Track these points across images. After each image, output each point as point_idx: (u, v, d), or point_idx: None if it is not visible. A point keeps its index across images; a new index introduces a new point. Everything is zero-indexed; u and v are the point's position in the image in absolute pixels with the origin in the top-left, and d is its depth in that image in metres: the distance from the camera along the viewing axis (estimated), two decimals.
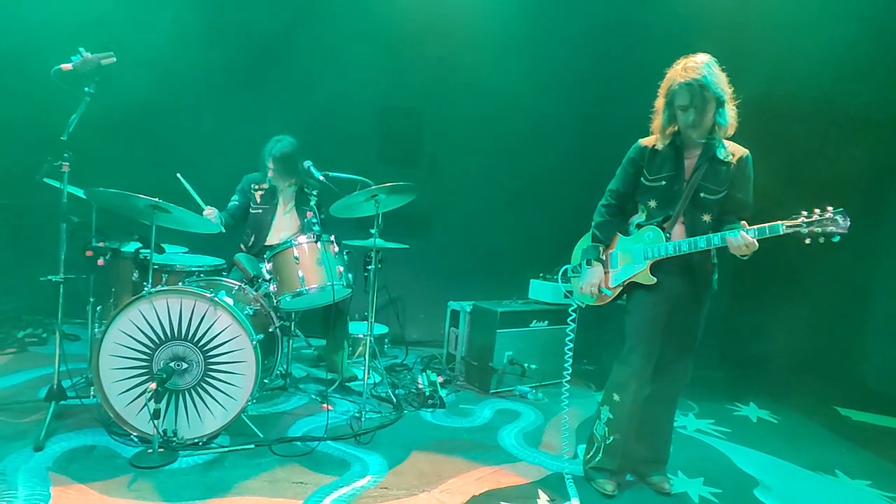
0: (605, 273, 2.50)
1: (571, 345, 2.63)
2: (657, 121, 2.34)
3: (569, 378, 2.66)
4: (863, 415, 3.96)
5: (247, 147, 3.50)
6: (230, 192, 3.54)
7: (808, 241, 2.06)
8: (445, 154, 4.75)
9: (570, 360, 2.66)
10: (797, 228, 2.05)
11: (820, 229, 2.02)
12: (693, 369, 2.53)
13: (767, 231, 2.10)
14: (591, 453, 2.56)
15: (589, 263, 2.50)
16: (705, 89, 2.17)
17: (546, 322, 3.93)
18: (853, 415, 3.96)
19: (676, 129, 2.32)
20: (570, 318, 2.60)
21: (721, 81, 2.21)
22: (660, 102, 2.32)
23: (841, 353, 4.39)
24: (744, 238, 2.13)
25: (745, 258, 2.19)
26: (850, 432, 3.60)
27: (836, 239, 2.02)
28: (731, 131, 2.28)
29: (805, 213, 2.06)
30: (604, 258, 2.50)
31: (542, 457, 2.79)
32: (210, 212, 3.28)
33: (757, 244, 2.15)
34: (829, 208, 2.02)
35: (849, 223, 2.00)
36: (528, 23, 4.50)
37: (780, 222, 2.08)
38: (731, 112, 2.25)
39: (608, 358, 2.92)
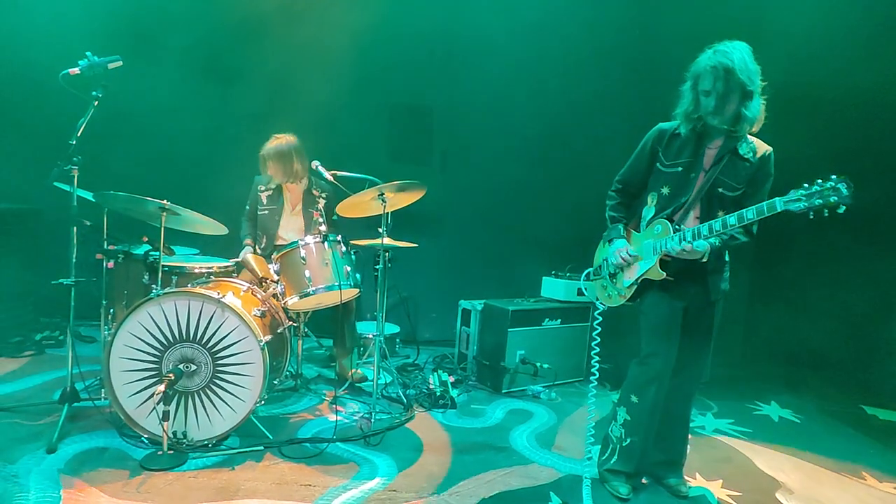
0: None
1: (598, 349, 2.56)
2: (680, 108, 2.26)
3: (595, 383, 2.58)
4: (891, 413, 3.82)
5: (255, 147, 3.49)
6: (238, 191, 3.54)
7: (811, 215, 1.90)
8: (456, 151, 4.71)
9: (597, 364, 2.58)
10: (796, 203, 1.91)
11: (821, 201, 1.86)
12: (712, 367, 2.46)
13: (766, 210, 1.98)
14: (606, 455, 2.50)
15: (611, 242, 2.44)
16: (731, 74, 2.06)
17: (559, 320, 3.87)
18: (880, 413, 3.82)
19: (699, 116, 2.21)
20: (596, 321, 2.53)
21: (752, 72, 2.10)
22: (686, 86, 2.23)
23: (866, 349, 4.25)
24: (675, 249, 2.17)
25: (703, 259, 2.20)
26: (878, 432, 3.47)
27: (842, 210, 1.85)
28: (756, 127, 2.18)
29: (805, 185, 1.91)
30: (626, 236, 2.43)
31: (555, 458, 2.74)
32: (245, 255, 3.22)
33: (695, 250, 2.13)
34: (832, 177, 1.87)
35: (852, 190, 1.83)
36: (538, 19, 4.43)
37: (776, 200, 1.96)
38: (758, 107, 2.14)
39: (623, 356, 2.86)
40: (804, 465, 2.90)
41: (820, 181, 1.89)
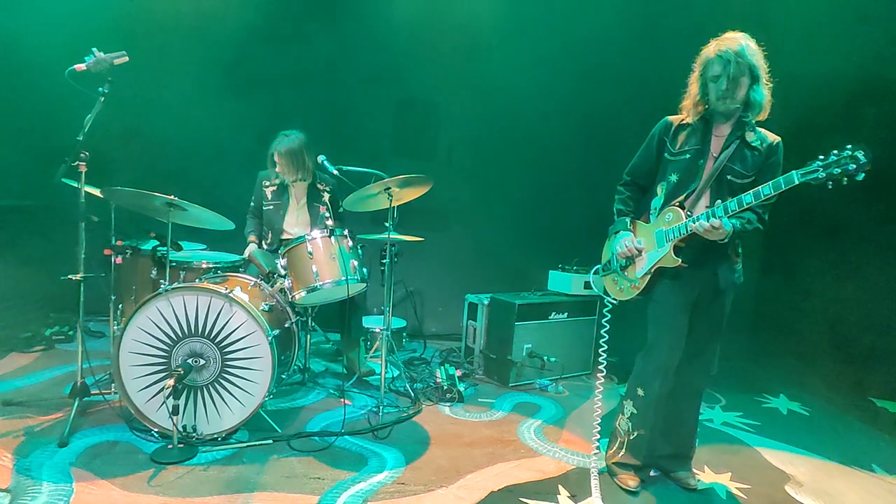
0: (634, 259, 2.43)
1: (606, 346, 2.54)
2: (687, 98, 2.30)
3: (602, 377, 2.58)
4: None
5: (261, 142, 3.49)
6: (244, 186, 3.55)
7: (830, 185, 1.89)
8: (462, 146, 4.70)
9: (605, 358, 2.57)
10: (815, 174, 1.91)
11: (839, 170, 1.86)
12: (720, 360, 2.44)
13: (783, 184, 1.97)
14: (615, 448, 2.50)
15: (616, 235, 2.45)
16: (740, 57, 2.12)
17: (566, 314, 3.86)
18: (890, 406, 3.80)
19: (707, 106, 2.25)
20: (605, 318, 2.52)
21: (757, 56, 2.16)
22: (692, 77, 2.27)
23: (876, 341, 4.21)
24: (703, 225, 2.11)
25: (723, 241, 2.17)
26: (887, 425, 3.45)
27: (861, 177, 1.85)
28: (765, 113, 2.21)
29: (821, 156, 1.91)
30: (632, 229, 2.43)
31: (563, 451, 2.74)
32: (250, 250, 3.32)
33: (722, 228, 2.09)
34: (848, 146, 1.87)
35: (870, 156, 1.82)
36: (544, 11, 4.40)
37: (793, 172, 1.96)
38: (765, 92, 2.18)
39: (631, 350, 2.85)
40: (813, 458, 2.89)
41: (836, 151, 1.89)
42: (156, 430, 2.53)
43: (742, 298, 2.40)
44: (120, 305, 3.03)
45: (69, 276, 2.62)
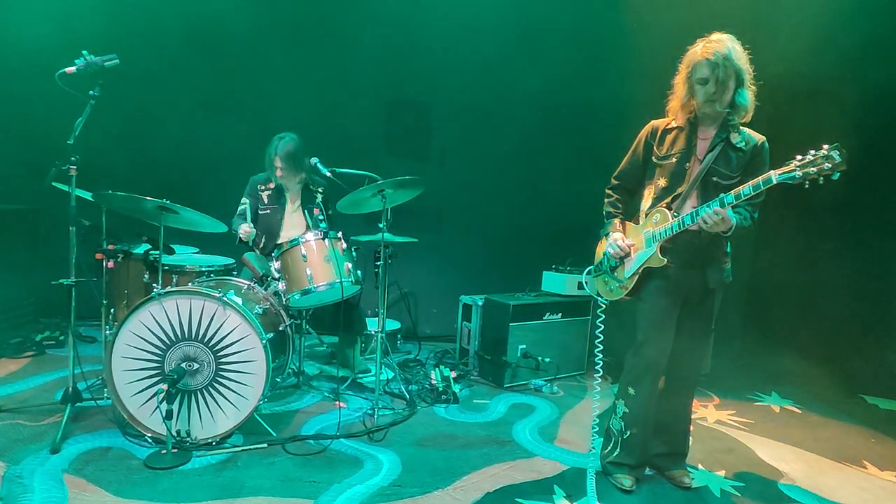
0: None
1: (601, 346, 2.55)
2: (674, 100, 2.31)
3: (599, 377, 2.57)
4: (891, 403, 3.84)
5: (253, 145, 3.49)
6: (236, 190, 3.53)
7: (807, 184, 1.94)
8: (455, 146, 4.70)
9: (600, 358, 2.56)
10: (791, 173, 1.95)
11: (815, 169, 1.90)
12: (712, 359, 2.47)
13: (762, 184, 2.00)
14: (609, 448, 2.51)
15: (607, 237, 2.45)
16: (728, 60, 2.13)
17: (560, 314, 3.87)
18: (881, 403, 3.84)
19: (693, 109, 2.26)
20: (599, 319, 2.53)
21: (743, 60, 2.17)
22: (678, 78, 2.28)
23: (867, 338, 4.26)
24: (711, 216, 2.08)
25: (727, 235, 2.19)
26: (879, 421, 3.48)
27: (836, 176, 1.89)
28: (748, 116, 2.23)
29: (798, 156, 1.95)
30: (621, 230, 2.44)
31: (558, 452, 2.75)
32: (246, 231, 3.24)
33: (728, 218, 2.08)
34: (825, 146, 1.90)
35: (846, 156, 1.86)
36: (537, 11, 4.42)
37: (771, 173, 1.99)
38: (749, 95, 2.20)
39: (625, 349, 2.87)
40: (805, 454, 2.91)
41: (813, 151, 1.93)
42: (149, 435, 2.51)
43: (733, 298, 2.43)
44: (112, 310, 3.01)
45: (60, 281, 2.60)
